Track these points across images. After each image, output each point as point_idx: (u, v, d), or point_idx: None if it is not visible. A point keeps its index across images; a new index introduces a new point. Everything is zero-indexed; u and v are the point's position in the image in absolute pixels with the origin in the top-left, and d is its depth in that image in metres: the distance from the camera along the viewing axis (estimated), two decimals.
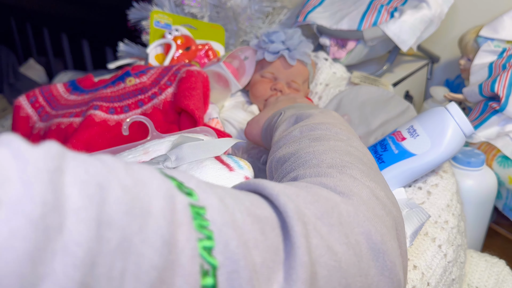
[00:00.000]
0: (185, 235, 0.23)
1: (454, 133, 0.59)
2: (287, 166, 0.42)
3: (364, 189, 0.35)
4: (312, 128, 0.46)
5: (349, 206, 0.32)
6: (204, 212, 0.24)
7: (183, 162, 0.49)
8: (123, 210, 0.21)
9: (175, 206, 0.23)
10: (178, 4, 0.99)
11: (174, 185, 0.25)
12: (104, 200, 0.21)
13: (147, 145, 0.54)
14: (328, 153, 0.40)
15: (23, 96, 0.77)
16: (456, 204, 0.63)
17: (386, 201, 0.35)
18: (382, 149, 0.63)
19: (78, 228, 0.19)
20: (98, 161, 0.22)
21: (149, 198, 0.22)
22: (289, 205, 0.28)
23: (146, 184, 0.23)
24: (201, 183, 0.27)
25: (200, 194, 0.26)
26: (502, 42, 0.86)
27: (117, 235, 0.20)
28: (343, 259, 0.29)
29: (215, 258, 0.23)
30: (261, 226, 0.27)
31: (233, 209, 0.26)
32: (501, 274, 0.69)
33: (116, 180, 0.22)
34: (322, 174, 0.36)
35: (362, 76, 0.88)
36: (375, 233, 0.31)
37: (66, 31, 1.91)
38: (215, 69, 0.82)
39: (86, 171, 0.21)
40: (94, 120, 0.69)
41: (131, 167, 0.24)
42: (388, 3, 0.93)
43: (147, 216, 0.22)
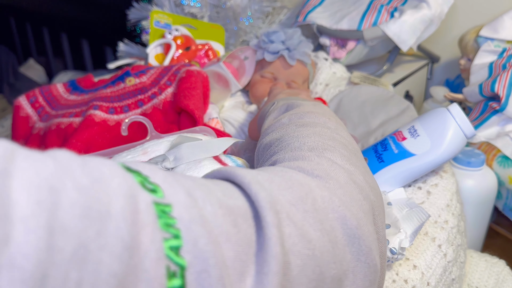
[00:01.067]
0: (149, 236, 0.21)
1: (455, 134, 0.59)
2: (270, 150, 0.41)
3: (342, 173, 0.34)
4: (300, 116, 0.46)
5: (324, 191, 0.31)
6: (170, 209, 0.23)
7: (182, 162, 0.49)
8: (79, 214, 0.19)
9: (138, 205, 0.22)
10: (178, 4, 0.99)
11: (137, 181, 0.23)
12: (57, 204, 0.19)
13: (146, 145, 0.54)
14: (312, 136, 0.39)
15: (23, 96, 0.77)
16: (456, 204, 0.63)
17: (364, 185, 0.35)
18: (382, 149, 0.64)
19: (27, 239, 0.17)
20: (51, 160, 0.20)
21: (108, 198, 0.21)
22: (261, 193, 0.27)
23: (105, 183, 0.21)
24: (168, 177, 0.25)
25: (166, 190, 0.24)
26: (502, 42, 0.86)
27: (72, 243, 0.19)
28: (317, 246, 0.28)
29: (183, 258, 0.22)
30: (234, 218, 0.26)
31: (203, 203, 0.25)
32: (501, 274, 0.69)
33: (71, 181, 0.20)
34: (300, 158, 0.36)
35: (362, 76, 0.88)
36: (350, 218, 0.30)
37: (66, 31, 1.91)
38: (215, 69, 0.82)
39: (36, 173, 0.19)
40: (94, 120, 0.69)
41: (88, 164, 0.22)
42: (388, 3, 0.93)
43: (106, 218, 0.20)
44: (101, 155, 0.58)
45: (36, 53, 2.13)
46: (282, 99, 0.57)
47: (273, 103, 0.56)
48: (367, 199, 0.34)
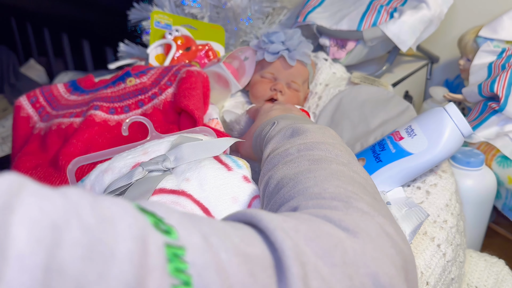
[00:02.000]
0: (157, 282, 0.20)
1: (452, 133, 0.60)
2: (285, 192, 0.38)
3: (372, 224, 0.31)
4: (310, 147, 0.43)
5: (354, 243, 0.29)
6: (183, 253, 0.22)
7: (182, 162, 0.49)
8: (80, 255, 0.18)
9: (147, 247, 0.20)
10: (178, 4, 1.00)
11: (150, 222, 0.22)
12: (57, 243, 0.18)
13: (146, 146, 0.54)
14: (331, 180, 0.37)
15: (24, 96, 0.78)
16: (455, 203, 0.64)
17: (396, 238, 0.32)
18: (380, 149, 0.64)
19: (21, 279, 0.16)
20: (59, 197, 0.20)
21: (114, 240, 0.20)
22: (287, 242, 0.25)
23: (114, 223, 0.20)
24: (184, 218, 0.24)
25: (181, 232, 0.23)
26: (502, 42, 0.87)
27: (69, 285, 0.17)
28: None
29: None
30: (250, 267, 0.24)
31: (218, 248, 0.23)
32: (500, 274, 0.69)
33: (76, 219, 0.19)
34: (326, 206, 0.33)
35: (362, 76, 0.88)
36: (383, 275, 0.28)
37: (66, 31, 1.91)
38: (215, 69, 0.82)
39: (40, 209, 0.18)
40: (95, 120, 0.69)
41: (100, 203, 0.21)
42: (387, 3, 0.93)
43: (109, 261, 0.19)
44: (102, 156, 0.58)
45: (37, 53, 2.14)
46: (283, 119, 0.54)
47: (274, 123, 0.53)
48: (400, 254, 0.31)
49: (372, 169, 0.62)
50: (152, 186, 0.45)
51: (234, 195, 0.46)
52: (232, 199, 0.45)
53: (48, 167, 0.67)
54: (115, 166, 0.51)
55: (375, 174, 0.62)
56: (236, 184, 0.47)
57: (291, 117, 0.55)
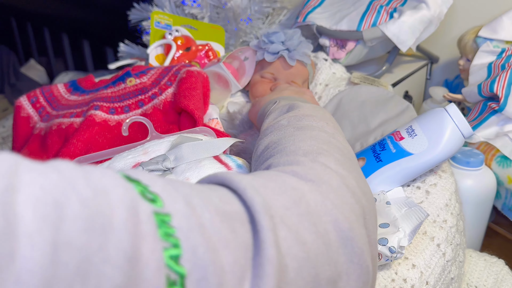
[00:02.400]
0: (150, 246, 0.21)
1: (452, 134, 0.60)
2: (267, 153, 0.42)
3: (334, 177, 0.34)
4: (299, 119, 0.46)
5: (317, 195, 0.32)
6: (169, 219, 0.23)
7: (182, 162, 0.49)
8: (82, 228, 0.19)
9: (139, 216, 0.22)
10: (179, 4, 1.00)
11: (138, 191, 0.23)
12: (61, 218, 0.19)
13: (147, 145, 0.54)
14: (307, 140, 0.40)
15: (24, 96, 0.78)
16: (455, 203, 0.64)
17: (356, 190, 0.35)
18: (380, 148, 0.64)
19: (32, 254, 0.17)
20: (55, 173, 0.21)
21: (110, 210, 0.21)
22: (256, 198, 0.28)
23: (108, 195, 0.21)
24: (166, 185, 0.26)
25: (165, 199, 0.24)
26: (501, 42, 0.87)
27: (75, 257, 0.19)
28: (312, 249, 0.29)
29: (182, 267, 0.22)
30: (231, 224, 0.26)
31: (201, 210, 0.25)
32: (500, 274, 0.69)
33: (75, 194, 0.20)
34: (294, 162, 0.36)
35: (362, 76, 0.89)
36: (343, 220, 0.31)
37: (66, 32, 1.92)
38: (215, 69, 0.82)
39: (41, 187, 0.19)
40: (95, 120, 0.70)
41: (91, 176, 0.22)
42: (387, 3, 0.93)
43: (108, 231, 0.20)
44: (102, 156, 0.59)
45: (37, 53, 2.14)
46: (284, 98, 0.57)
47: (275, 102, 0.56)
48: (358, 203, 0.34)
49: (372, 168, 0.62)
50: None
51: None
52: None
53: None
54: (115, 166, 0.51)
55: (375, 173, 0.62)
56: None
57: (293, 98, 0.58)
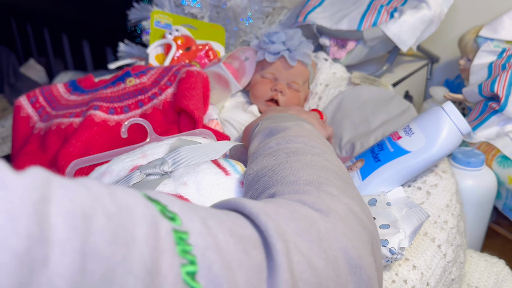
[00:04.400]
0: (169, 261, 0.23)
1: (450, 131, 0.60)
2: (264, 181, 0.42)
3: (340, 205, 0.35)
4: (288, 141, 0.47)
5: (327, 222, 0.32)
6: (187, 236, 0.25)
7: (180, 166, 0.49)
8: (108, 240, 0.21)
9: (159, 232, 0.23)
10: (178, 4, 1.00)
11: (158, 210, 0.25)
12: (89, 230, 0.20)
13: (145, 148, 0.54)
14: (305, 169, 0.41)
15: (24, 96, 0.78)
16: (456, 204, 0.63)
17: (362, 216, 0.36)
18: (379, 149, 0.64)
19: (63, 261, 0.19)
20: (83, 189, 0.22)
21: (133, 226, 0.22)
22: (270, 223, 0.29)
23: (131, 211, 0.23)
24: (184, 206, 0.27)
25: (183, 218, 0.26)
26: (502, 42, 0.87)
27: (101, 266, 0.20)
28: (323, 274, 0.29)
29: (198, 283, 0.24)
30: (244, 246, 0.27)
31: (216, 231, 0.27)
32: (500, 274, 0.69)
33: (101, 208, 0.22)
34: (300, 192, 0.37)
35: (362, 76, 0.88)
36: (352, 249, 0.32)
37: (66, 31, 1.91)
38: (215, 69, 0.82)
39: (71, 201, 0.21)
40: (94, 120, 0.69)
41: (115, 193, 0.24)
42: (388, 3, 0.93)
43: (131, 244, 0.22)
44: (100, 158, 0.58)
45: (37, 53, 2.14)
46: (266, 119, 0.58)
47: (258, 125, 0.57)
48: (366, 230, 0.35)
49: (371, 168, 0.62)
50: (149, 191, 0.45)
51: None
52: None
53: (48, 168, 0.66)
54: (113, 169, 0.50)
55: (374, 174, 0.62)
56: (234, 190, 0.47)
57: (274, 117, 0.59)
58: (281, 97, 0.81)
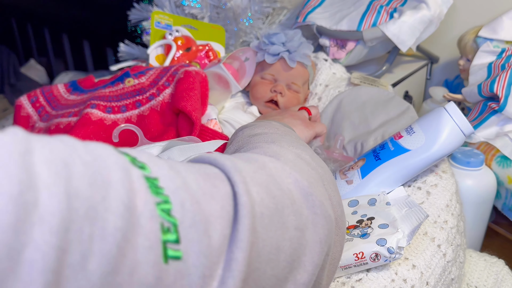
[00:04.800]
0: (143, 199, 0.26)
1: (451, 131, 0.60)
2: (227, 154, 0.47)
3: (289, 153, 0.41)
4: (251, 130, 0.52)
5: (276, 163, 0.38)
6: (157, 181, 0.28)
7: None
8: (87, 183, 0.24)
9: (131, 177, 0.26)
10: (179, 5, 1.00)
11: (128, 159, 0.28)
12: (70, 175, 0.23)
13: (138, 149, 0.55)
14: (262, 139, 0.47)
15: (25, 96, 0.78)
16: (456, 204, 0.64)
17: (311, 161, 0.42)
18: (380, 148, 0.64)
19: (51, 201, 0.22)
20: (59, 142, 0.25)
21: (108, 171, 0.25)
22: (227, 162, 0.34)
23: (104, 159, 0.26)
24: (152, 158, 0.30)
25: (152, 167, 0.29)
26: (501, 42, 0.87)
27: (84, 205, 0.23)
28: (279, 201, 0.34)
29: (174, 217, 0.27)
30: (213, 181, 0.32)
31: (186, 173, 0.31)
32: (500, 274, 0.69)
33: (78, 157, 0.25)
34: (254, 148, 0.44)
35: (362, 76, 0.89)
36: (301, 180, 0.37)
37: (67, 32, 1.92)
38: (215, 70, 0.82)
39: (51, 151, 0.24)
40: (91, 118, 0.69)
41: (88, 146, 0.27)
42: (387, 3, 0.93)
43: (108, 186, 0.25)
44: None
45: (37, 53, 2.14)
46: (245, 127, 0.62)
47: None
48: (315, 170, 0.41)
49: (371, 167, 0.62)
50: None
51: None
52: None
53: None
54: None
55: (374, 172, 0.62)
56: None
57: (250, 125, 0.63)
58: (281, 98, 0.81)
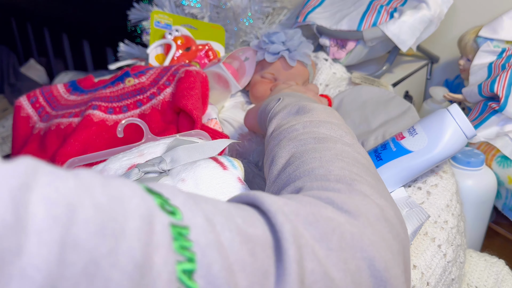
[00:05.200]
0: (163, 257, 0.21)
1: (454, 133, 0.59)
2: (291, 171, 0.39)
3: (372, 208, 0.32)
4: (316, 125, 0.44)
5: (353, 227, 0.30)
6: (187, 232, 0.23)
7: (178, 164, 0.49)
8: (93, 231, 0.20)
9: (154, 226, 0.22)
10: (179, 4, 1.00)
11: (157, 203, 0.23)
12: (72, 220, 0.19)
13: (142, 147, 0.54)
14: (336, 161, 0.38)
15: (24, 97, 0.78)
16: (456, 204, 0.64)
17: (395, 221, 0.33)
18: (382, 149, 0.64)
19: (39, 251, 0.18)
20: (72, 178, 0.21)
21: (124, 218, 0.21)
22: (286, 226, 0.27)
23: (124, 202, 0.22)
24: (188, 200, 0.26)
25: (185, 213, 0.24)
26: (502, 42, 0.87)
27: (83, 258, 0.19)
28: (339, 286, 0.27)
29: (195, 282, 0.22)
30: (251, 247, 0.25)
31: (222, 228, 0.25)
32: (500, 274, 0.69)
33: (89, 198, 0.21)
34: (330, 189, 0.34)
35: (362, 76, 0.88)
36: (379, 260, 0.29)
37: (66, 32, 1.92)
38: (215, 69, 0.82)
39: (56, 189, 0.20)
40: (93, 120, 0.69)
41: (110, 183, 0.22)
42: (387, 3, 0.93)
43: (119, 237, 0.20)
44: (97, 157, 0.58)
45: (37, 53, 2.14)
46: (288, 95, 0.54)
47: (279, 99, 0.54)
48: (397, 238, 0.32)
49: None
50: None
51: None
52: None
53: None
54: (110, 167, 0.51)
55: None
56: (232, 184, 0.47)
57: (297, 95, 0.55)
58: None
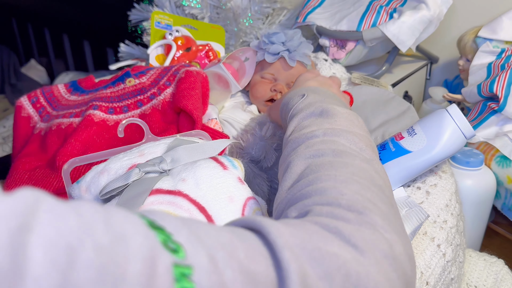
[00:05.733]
0: None
1: (453, 134, 0.60)
2: (303, 185, 0.39)
3: (381, 244, 0.31)
4: (337, 134, 0.43)
5: (359, 265, 0.29)
6: (190, 272, 0.22)
7: (179, 164, 0.50)
8: (92, 278, 0.19)
9: (156, 269, 0.21)
10: (179, 5, 1.00)
11: (160, 240, 0.23)
12: (72, 265, 0.18)
13: (143, 147, 0.54)
14: (350, 183, 0.37)
15: (25, 97, 0.78)
16: (455, 204, 0.64)
17: (402, 258, 0.32)
18: (381, 149, 0.64)
19: None
20: (74, 215, 0.20)
21: (125, 261, 0.20)
22: (293, 265, 0.26)
23: (126, 242, 0.21)
24: (192, 235, 0.25)
25: (188, 250, 0.23)
26: (501, 42, 0.87)
27: None
28: None
29: None
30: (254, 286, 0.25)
31: (224, 266, 0.24)
32: (499, 273, 0.69)
33: (91, 240, 0.20)
34: (339, 217, 0.33)
35: (361, 76, 0.89)
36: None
37: (67, 32, 1.92)
38: (215, 70, 0.82)
39: (56, 230, 0.19)
40: (93, 120, 0.70)
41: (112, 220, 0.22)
42: (387, 4, 0.93)
43: (119, 283, 0.19)
44: (98, 157, 0.59)
45: (38, 53, 2.14)
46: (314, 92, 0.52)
47: (303, 95, 0.52)
48: (402, 278, 0.31)
49: None
50: (149, 187, 0.46)
51: (230, 195, 0.46)
52: (228, 199, 0.46)
53: (46, 168, 0.67)
54: (111, 167, 0.51)
55: None
56: (232, 184, 0.47)
57: (322, 92, 0.53)
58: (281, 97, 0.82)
